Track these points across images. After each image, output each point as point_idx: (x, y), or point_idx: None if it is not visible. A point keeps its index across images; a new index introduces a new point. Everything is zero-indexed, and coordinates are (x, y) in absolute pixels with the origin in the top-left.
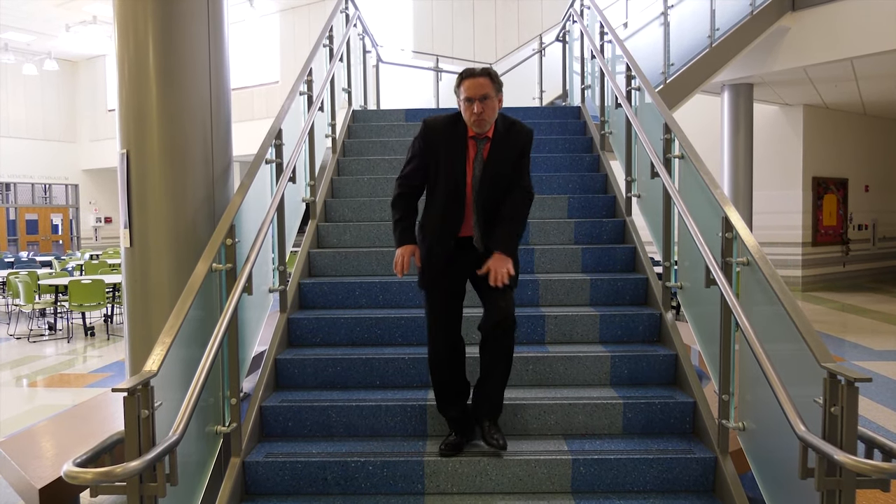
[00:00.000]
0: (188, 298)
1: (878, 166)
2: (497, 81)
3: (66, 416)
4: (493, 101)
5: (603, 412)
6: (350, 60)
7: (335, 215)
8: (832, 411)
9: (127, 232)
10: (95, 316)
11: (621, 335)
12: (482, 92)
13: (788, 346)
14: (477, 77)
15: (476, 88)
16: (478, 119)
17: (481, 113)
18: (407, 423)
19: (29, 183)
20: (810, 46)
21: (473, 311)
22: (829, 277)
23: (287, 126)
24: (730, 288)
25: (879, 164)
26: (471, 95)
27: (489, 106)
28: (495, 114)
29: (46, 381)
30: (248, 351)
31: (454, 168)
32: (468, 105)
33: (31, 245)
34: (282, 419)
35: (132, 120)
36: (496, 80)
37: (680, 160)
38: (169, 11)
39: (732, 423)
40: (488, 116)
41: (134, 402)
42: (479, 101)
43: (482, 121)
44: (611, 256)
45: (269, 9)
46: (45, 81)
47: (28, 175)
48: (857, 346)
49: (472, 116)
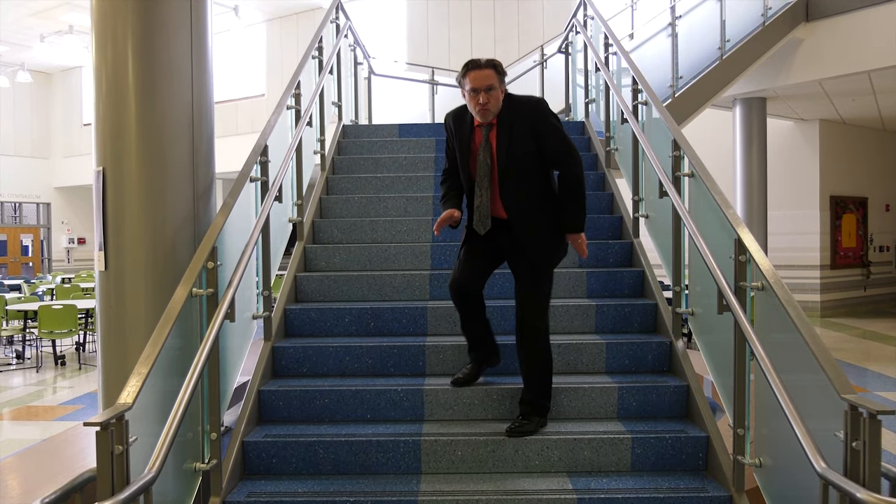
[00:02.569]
0: (166, 326)
1: None
2: (501, 72)
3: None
4: (497, 91)
5: (610, 447)
6: (340, 73)
7: (324, 236)
8: (854, 446)
9: (102, 254)
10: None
11: (629, 365)
12: (487, 83)
13: (807, 376)
14: (482, 68)
15: (481, 80)
16: (482, 109)
17: (486, 104)
18: (400, 459)
19: None
20: (825, 59)
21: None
22: (850, 302)
23: (273, 142)
24: (744, 314)
25: None
26: (476, 86)
27: (493, 96)
28: (499, 104)
29: (13, 413)
30: (229, 382)
31: (462, 156)
32: (473, 96)
33: None
34: (265, 455)
35: (109, 135)
36: (501, 71)
37: (690, 178)
38: (150, 21)
39: (748, 460)
40: (493, 106)
41: (107, 437)
42: (485, 92)
43: (486, 111)
44: (617, 281)
45: (254, 18)
46: (18, 94)
47: None
48: (881, 375)
49: (477, 107)
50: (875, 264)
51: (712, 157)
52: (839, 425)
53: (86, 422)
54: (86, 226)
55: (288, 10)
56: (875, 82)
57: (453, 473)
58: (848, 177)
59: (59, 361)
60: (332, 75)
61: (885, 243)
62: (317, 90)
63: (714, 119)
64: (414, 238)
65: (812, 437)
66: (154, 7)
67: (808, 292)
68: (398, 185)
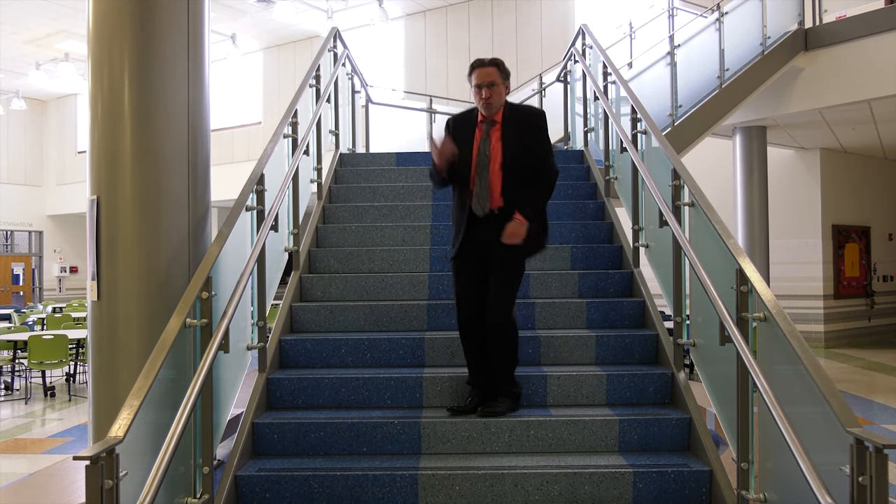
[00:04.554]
0: (159, 357)
1: None
2: (504, 70)
3: (21, 486)
4: (500, 87)
5: (611, 482)
6: (338, 101)
7: (320, 266)
8: (860, 481)
9: (95, 284)
10: (57, 375)
11: (630, 397)
12: (489, 79)
13: (811, 408)
14: (486, 66)
15: (484, 76)
16: (486, 103)
17: (489, 98)
18: (396, 494)
19: None
20: (825, 88)
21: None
22: (854, 333)
23: (269, 170)
24: (746, 346)
25: None
26: (480, 82)
27: (496, 92)
28: (502, 98)
29: (0, 446)
30: (223, 414)
31: (462, 148)
32: (477, 91)
33: None
34: (258, 490)
35: (104, 163)
36: (503, 69)
37: (690, 208)
38: (147, 49)
39: (753, 495)
40: (495, 101)
41: (97, 471)
42: (487, 87)
43: (490, 104)
44: (618, 311)
45: (252, 47)
46: (12, 121)
47: None
48: (887, 407)
49: (481, 101)
50: (879, 294)
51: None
52: (845, 459)
53: (75, 455)
54: (78, 254)
55: (285, 38)
56: (875, 111)
57: None
58: (850, 206)
59: (48, 393)
60: (330, 103)
61: (890, 272)
62: (314, 118)
63: (714, 148)
64: (412, 268)
65: (817, 471)
66: (151, 35)
67: (812, 323)
68: (396, 215)
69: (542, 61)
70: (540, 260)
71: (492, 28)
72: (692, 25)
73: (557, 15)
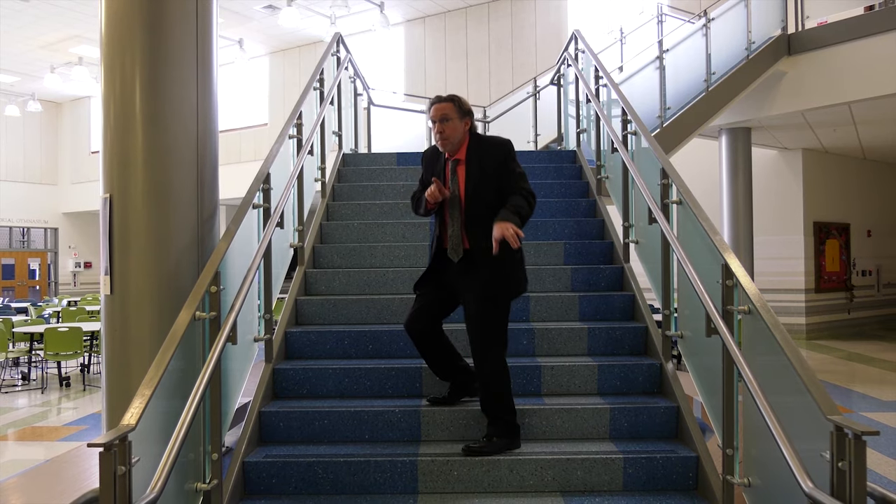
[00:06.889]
0: (170, 348)
1: (880, 211)
2: (461, 107)
3: (38, 472)
4: (455, 122)
5: (603, 468)
6: (341, 103)
7: (324, 261)
8: (840, 466)
9: (108, 279)
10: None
11: (620, 386)
12: (441, 114)
13: (793, 397)
14: (441, 102)
15: (437, 111)
16: (440, 138)
17: (442, 132)
18: (397, 479)
19: (7, 226)
20: (807, 91)
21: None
22: (834, 325)
23: (275, 170)
24: (731, 337)
25: (881, 209)
26: (433, 117)
27: (449, 126)
28: (457, 133)
29: (18, 434)
30: (231, 403)
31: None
32: (433, 126)
33: (6, 291)
34: (265, 475)
35: (116, 163)
36: (458, 105)
37: (678, 206)
38: (157, 53)
39: (737, 479)
40: (449, 136)
41: (110, 458)
42: (440, 122)
43: (444, 140)
44: (609, 304)
45: (258, 51)
46: (28, 122)
47: (6, 218)
48: (865, 396)
49: (436, 136)
50: (858, 288)
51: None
52: (825, 446)
53: (89, 443)
54: (92, 250)
55: (290, 43)
56: (855, 113)
57: (449, 493)
58: (831, 204)
59: (63, 383)
60: (333, 106)
61: (868, 267)
62: (318, 120)
63: (701, 148)
64: (412, 263)
65: (799, 457)
66: (161, 39)
67: (794, 315)
68: (396, 212)
69: (537, 65)
70: (534, 255)
71: (488, 33)
72: (680, 31)
73: (551, 21)
